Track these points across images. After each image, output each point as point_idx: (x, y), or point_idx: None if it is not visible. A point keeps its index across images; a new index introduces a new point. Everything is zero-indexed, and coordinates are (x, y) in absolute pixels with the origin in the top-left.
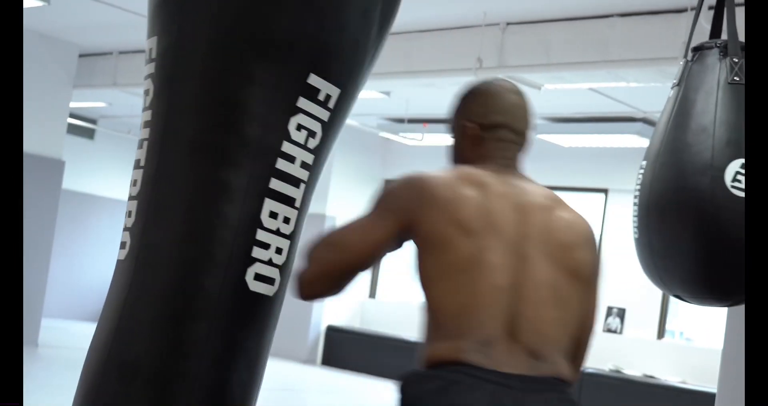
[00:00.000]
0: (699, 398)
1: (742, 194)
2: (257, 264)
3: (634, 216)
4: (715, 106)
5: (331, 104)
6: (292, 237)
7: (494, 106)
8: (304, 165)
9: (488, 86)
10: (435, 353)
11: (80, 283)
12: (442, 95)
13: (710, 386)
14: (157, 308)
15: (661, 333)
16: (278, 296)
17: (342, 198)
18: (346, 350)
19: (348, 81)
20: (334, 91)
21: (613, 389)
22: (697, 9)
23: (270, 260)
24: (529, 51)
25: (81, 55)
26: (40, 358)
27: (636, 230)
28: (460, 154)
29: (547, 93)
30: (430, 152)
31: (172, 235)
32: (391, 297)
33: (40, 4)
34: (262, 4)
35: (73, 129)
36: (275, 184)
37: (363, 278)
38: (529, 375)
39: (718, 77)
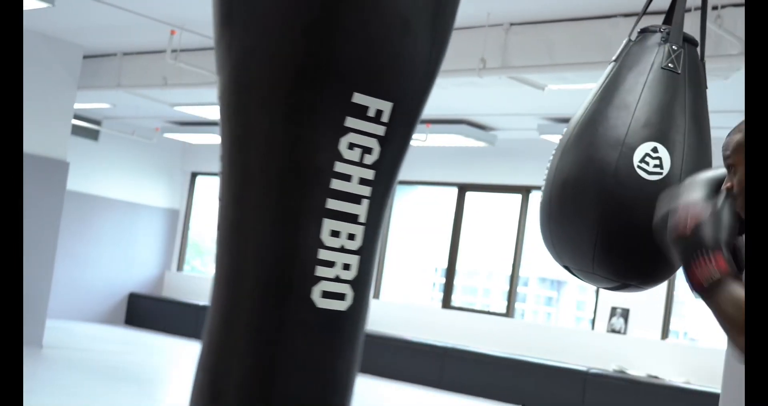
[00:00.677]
0: (703, 399)
1: (647, 177)
2: (323, 282)
3: (544, 179)
4: (643, 86)
5: (384, 119)
6: (361, 251)
7: None
8: (363, 181)
9: None
10: None
11: (84, 284)
12: (445, 96)
13: (714, 386)
14: (240, 330)
15: (665, 333)
16: (354, 309)
17: None
18: None
19: (400, 94)
20: (386, 106)
21: (617, 389)
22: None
23: (337, 276)
24: (533, 51)
25: (85, 57)
26: (44, 359)
27: (542, 193)
28: None
29: (550, 93)
30: (433, 153)
31: (245, 261)
32: (395, 297)
33: (45, 5)
34: (300, 35)
35: (77, 130)
36: (333, 204)
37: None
38: None
39: (653, 60)
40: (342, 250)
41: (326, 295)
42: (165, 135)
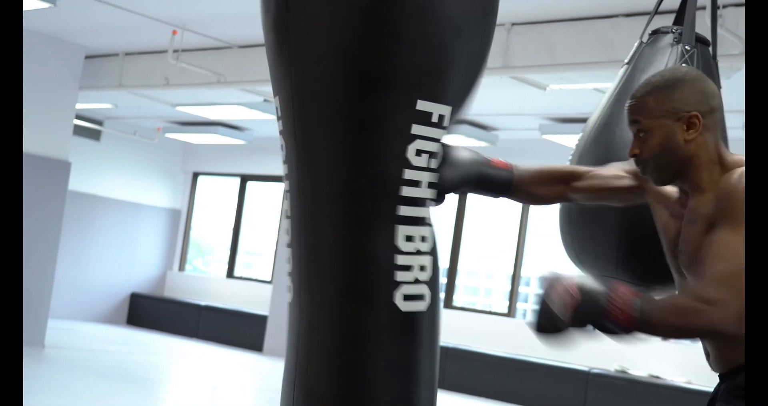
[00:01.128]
0: (705, 399)
1: None
2: (403, 286)
3: None
4: None
5: (446, 123)
6: (432, 252)
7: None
8: (430, 185)
9: (683, 75)
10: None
11: (86, 284)
12: None
13: None
14: (325, 338)
15: None
16: (432, 308)
17: None
18: None
19: (457, 98)
20: (446, 110)
21: (618, 389)
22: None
23: (416, 279)
24: (534, 51)
25: (87, 57)
26: (46, 359)
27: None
28: (679, 151)
29: (551, 93)
30: None
31: (323, 273)
32: None
33: (46, 5)
34: (359, 47)
35: (79, 130)
36: (404, 210)
37: None
38: None
39: (666, 61)
40: (417, 253)
41: (408, 298)
42: (167, 135)
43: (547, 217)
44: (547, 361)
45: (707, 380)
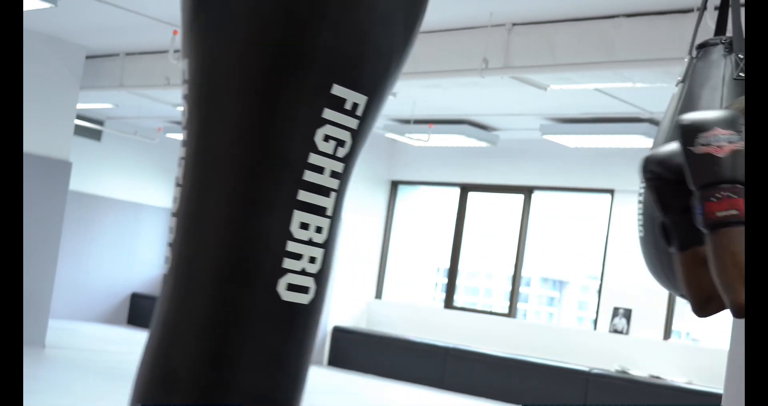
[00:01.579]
0: (705, 399)
1: None
2: (289, 275)
3: (639, 214)
4: (721, 101)
5: (359, 112)
6: (326, 245)
7: None
8: (334, 174)
9: None
10: None
11: (87, 284)
12: (448, 96)
13: (716, 386)
14: (196, 319)
15: (667, 334)
16: (315, 303)
17: (348, 198)
18: (353, 350)
19: (374, 88)
20: (361, 99)
21: (619, 389)
22: (702, 6)
23: (303, 269)
24: (535, 51)
25: (88, 57)
26: (46, 359)
27: (641, 228)
28: None
29: (552, 93)
30: (436, 153)
31: (206, 249)
32: (397, 298)
33: (47, 5)
34: (283, 22)
35: (80, 130)
36: (304, 196)
37: (369, 278)
38: None
39: (723, 73)
40: (310, 242)
41: (292, 287)
42: (167, 135)
43: (546, 218)
44: (547, 361)
45: (707, 380)
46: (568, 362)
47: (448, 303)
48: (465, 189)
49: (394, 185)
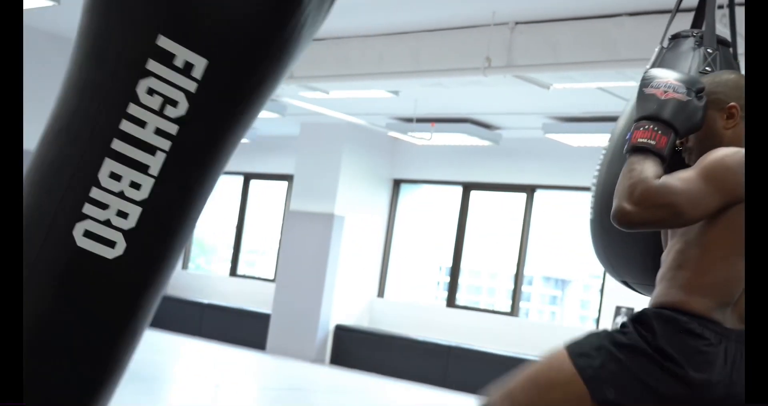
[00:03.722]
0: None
1: None
2: (88, 221)
3: (592, 196)
4: None
5: (196, 75)
6: (145, 204)
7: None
8: (160, 132)
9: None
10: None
11: None
12: (450, 95)
13: None
14: None
15: None
16: (124, 260)
17: (350, 197)
18: (355, 349)
19: (218, 53)
20: (199, 61)
21: None
22: (677, 2)
23: (108, 220)
24: (538, 50)
25: None
26: None
27: (591, 210)
28: (718, 137)
29: (555, 92)
30: (438, 152)
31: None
32: (400, 296)
33: (50, 4)
34: None
35: None
36: (118, 145)
37: (371, 277)
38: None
39: (690, 65)
40: (120, 195)
41: (90, 235)
42: None
43: (548, 217)
44: None
45: None
46: None
47: (451, 302)
48: (467, 188)
49: (397, 184)
